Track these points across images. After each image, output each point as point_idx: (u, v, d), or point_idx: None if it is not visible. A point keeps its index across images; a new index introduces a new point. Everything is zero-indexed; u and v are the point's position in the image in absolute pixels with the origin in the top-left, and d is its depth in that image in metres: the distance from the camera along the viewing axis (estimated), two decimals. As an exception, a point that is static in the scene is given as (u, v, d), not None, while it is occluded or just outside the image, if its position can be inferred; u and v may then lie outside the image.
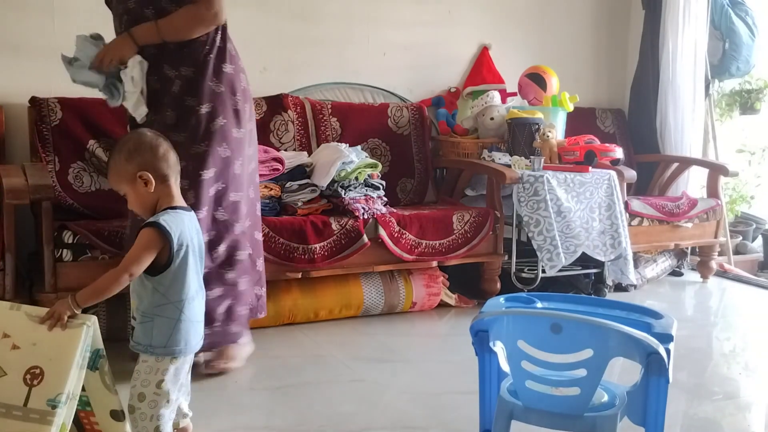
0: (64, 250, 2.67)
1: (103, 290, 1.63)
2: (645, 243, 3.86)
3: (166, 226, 1.65)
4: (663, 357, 1.54)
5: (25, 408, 1.51)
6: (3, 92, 3.23)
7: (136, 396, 1.65)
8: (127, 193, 1.71)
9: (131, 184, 1.69)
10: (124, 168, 1.69)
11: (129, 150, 1.70)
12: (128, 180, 1.69)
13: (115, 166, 1.71)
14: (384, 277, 3.29)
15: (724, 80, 4.62)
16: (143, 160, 1.69)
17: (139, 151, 1.70)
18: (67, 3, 3.36)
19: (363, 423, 2.16)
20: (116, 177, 1.71)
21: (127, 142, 1.73)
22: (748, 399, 2.45)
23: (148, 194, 1.70)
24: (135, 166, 1.68)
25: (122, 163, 1.70)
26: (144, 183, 1.68)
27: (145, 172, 1.68)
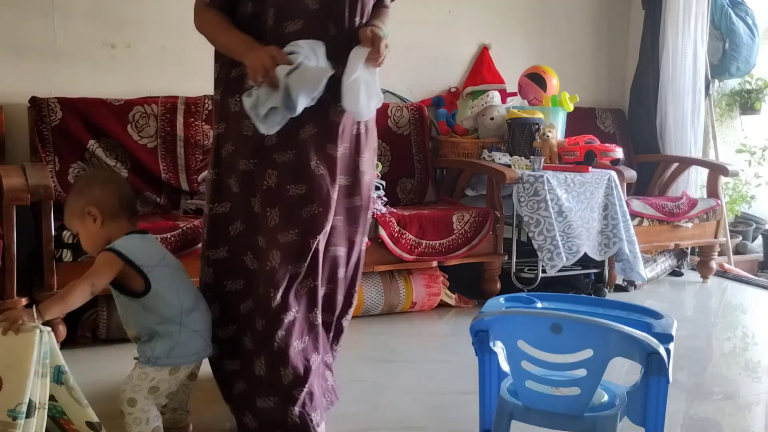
0: (64, 250, 2.67)
1: (66, 301, 1.59)
2: (645, 243, 3.86)
3: (120, 249, 1.65)
4: (663, 357, 1.54)
5: None
6: (3, 92, 3.23)
7: (125, 401, 1.63)
8: (78, 231, 1.69)
9: (81, 220, 1.68)
10: (73, 204, 1.68)
11: (80, 186, 1.70)
12: (78, 216, 1.68)
13: (68, 204, 1.70)
14: (384, 277, 3.29)
15: (724, 80, 4.62)
16: (92, 196, 1.68)
17: (90, 186, 1.70)
18: (67, 3, 3.36)
19: (363, 423, 2.16)
20: (68, 215, 1.70)
21: (80, 179, 1.75)
22: (748, 399, 2.45)
23: (98, 231, 1.68)
24: (84, 202, 1.67)
25: (73, 199, 1.69)
26: (92, 219, 1.67)
27: (93, 208, 1.67)
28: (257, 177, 1.92)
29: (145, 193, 3.31)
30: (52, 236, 2.63)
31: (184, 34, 3.60)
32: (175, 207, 3.36)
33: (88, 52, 3.41)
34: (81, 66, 3.40)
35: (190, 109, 3.46)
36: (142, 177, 3.30)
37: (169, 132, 3.39)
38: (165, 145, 3.38)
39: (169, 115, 3.40)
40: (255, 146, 1.90)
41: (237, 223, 1.99)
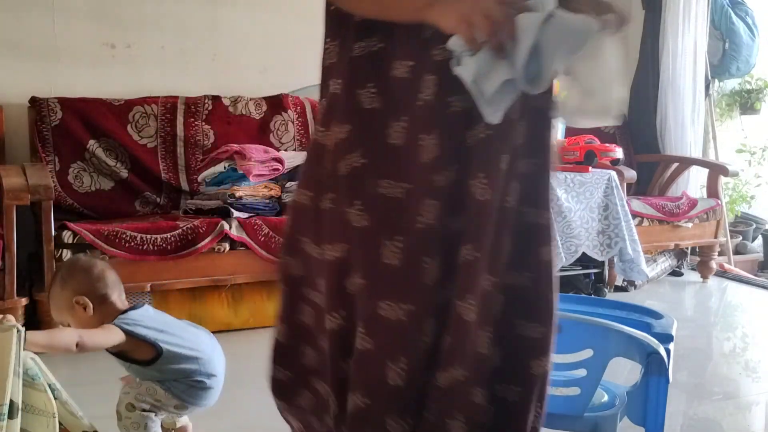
0: (64, 250, 2.67)
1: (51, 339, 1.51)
2: (645, 243, 3.85)
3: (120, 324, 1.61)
4: (663, 357, 1.54)
5: None
6: (3, 92, 3.23)
7: (125, 405, 1.61)
8: (69, 322, 1.63)
9: (71, 312, 1.62)
10: (59, 296, 1.63)
11: (62, 277, 1.64)
12: (67, 308, 1.62)
13: (53, 298, 1.64)
14: (384, 277, 3.28)
15: (724, 80, 4.62)
16: (77, 285, 1.63)
17: (72, 275, 1.64)
18: (67, 3, 3.36)
19: (363, 423, 2.16)
20: (56, 309, 1.64)
21: (60, 270, 1.68)
22: (748, 399, 2.45)
23: (90, 319, 1.62)
24: (70, 292, 1.62)
25: (57, 291, 1.63)
26: (83, 308, 1.62)
27: (82, 297, 1.62)
28: (407, 209, 1.21)
29: (145, 193, 3.31)
30: (52, 236, 2.63)
31: (184, 34, 3.62)
32: (175, 207, 3.36)
33: (88, 52, 3.41)
34: (81, 66, 3.40)
35: (190, 109, 3.46)
36: (142, 177, 3.30)
37: (169, 132, 3.40)
38: (165, 145, 3.38)
39: (169, 115, 3.40)
40: (407, 160, 1.21)
41: (356, 277, 1.24)
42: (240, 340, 2.92)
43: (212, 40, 3.67)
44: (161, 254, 2.79)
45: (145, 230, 2.80)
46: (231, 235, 2.92)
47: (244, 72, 3.74)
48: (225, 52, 3.70)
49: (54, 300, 1.65)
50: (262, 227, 2.99)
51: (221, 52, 3.69)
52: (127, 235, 2.75)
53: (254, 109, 3.60)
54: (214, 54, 3.68)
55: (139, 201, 3.31)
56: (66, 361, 2.43)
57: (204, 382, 1.72)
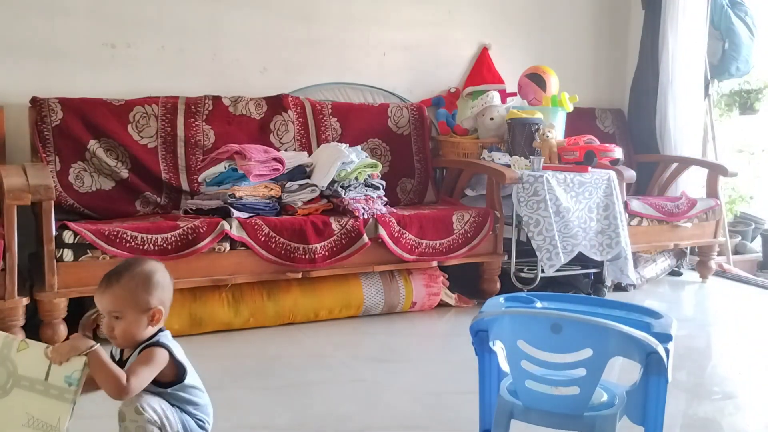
0: (65, 250, 2.68)
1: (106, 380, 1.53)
2: (644, 243, 3.86)
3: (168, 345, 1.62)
4: (662, 356, 1.54)
5: (45, 382, 1.55)
6: (3, 92, 3.24)
7: (133, 408, 1.59)
8: (127, 319, 1.60)
9: (139, 314, 1.60)
10: (142, 296, 1.60)
11: (157, 282, 1.62)
12: (141, 309, 1.60)
13: (134, 290, 1.60)
14: (384, 277, 3.29)
15: (723, 80, 4.62)
16: (163, 297, 1.63)
17: (165, 287, 1.63)
18: (67, 3, 3.36)
19: (363, 423, 2.16)
20: (129, 300, 1.59)
21: (155, 273, 1.63)
22: (747, 399, 2.45)
23: (147, 330, 1.61)
24: (154, 300, 1.61)
25: (143, 290, 1.60)
26: (152, 317, 1.61)
27: (160, 309, 1.62)
28: None
29: (145, 193, 3.32)
30: (52, 236, 2.63)
31: (184, 34, 3.63)
32: (175, 207, 3.37)
33: (88, 52, 3.42)
34: (81, 66, 3.40)
35: (191, 109, 3.46)
36: (142, 177, 3.31)
37: (169, 132, 3.40)
38: (165, 145, 3.39)
39: (169, 115, 3.41)
40: None
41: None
42: (240, 340, 2.93)
43: (212, 40, 3.67)
44: (162, 254, 2.80)
45: (145, 230, 2.80)
46: (231, 235, 2.92)
47: (244, 72, 3.75)
48: (225, 52, 3.70)
49: (132, 292, 1.59)
50: (262, 227, 2.99)
51: (221, 52, 3.70)
52: (127, 235, 2.75)
53: (254, 109, 3.60)
54: (214, 54, 3.69)
55: (140, 201, 3.32)
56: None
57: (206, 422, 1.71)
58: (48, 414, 1.54)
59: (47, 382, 1.55)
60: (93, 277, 2.71)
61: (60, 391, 1.54)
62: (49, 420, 1.53)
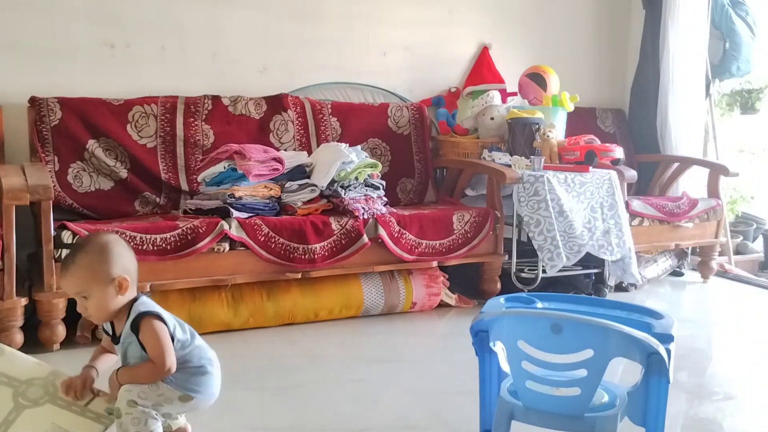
0: (64, 250, 2.67)
1: (142, 381, 1.62)
2: (645, 243, 3.85)
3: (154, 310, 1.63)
4: (663, 357, 1.53)
5: (85, 408, 1.63)
6: (2, 92, 3.23)
7: (126, 401, 1.60)
8: (92, 296, 1.61)
9: (102, 286, 1.60)
10: (101, 270, 1.60)
11: (110, 253, 1.62)
12: (101, 281, 1.60)
13: (90, 266, 1.60)
14: (384, 277, 3.29)
15: (724, 80, 4.61)
16: (123, 265, 1.62)
17: (120, 256, 1.63)
18: (67, 3, 3.36)
19: (363, 423, 2.16)
20: (88, 277, 1.60)
21: (108, 245, 1.63)
22: (748, 399, 2.45)
23: (118, 300, 1.62)
24: (112, 269, 1.60)
25: (100, 264, 1.60)
26: (119, 287, 1.61)
27: (125, 277, 1.61)
28: None
29: (144, 193, 3.31)
30: (51, 236, 2.62)
31: (183, 34, 3.62)
32: (174, 207, 3.36)
33: (87, 52, 3.41)
34: (80, 66, 3.40)
35: (190, 108, 3.46)
36: (141, 177, 3.30)
37: (168, 132, 3.39)
38: (164, 145, 3.38)
39: (168, 114, 3.40)
40: None
41: None
42: (240, 340, 2.92)
43: (212, 40, 3.66)
44: (161, 254, 2.79)
45: (144, 230, 2.79)
46: (231, 235, 2.91)
47: (244, 72, 3.74)
48: (225, 52, 3.70)
49: (89, 269, 1.60)
50: (261, 227, 2.98)
51: (221, 52, 3.69)
52: (126, 235, 2.75)
53: (254, 108, 3.59)
54: (214, 54, 3.68)
55: (139, 201, 3.31)
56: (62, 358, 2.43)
57: (205, 367, 1.71)
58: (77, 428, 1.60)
59: (86, 407, 1.63)
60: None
61: (97, 416, 1.62)
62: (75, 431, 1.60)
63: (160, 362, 1.60)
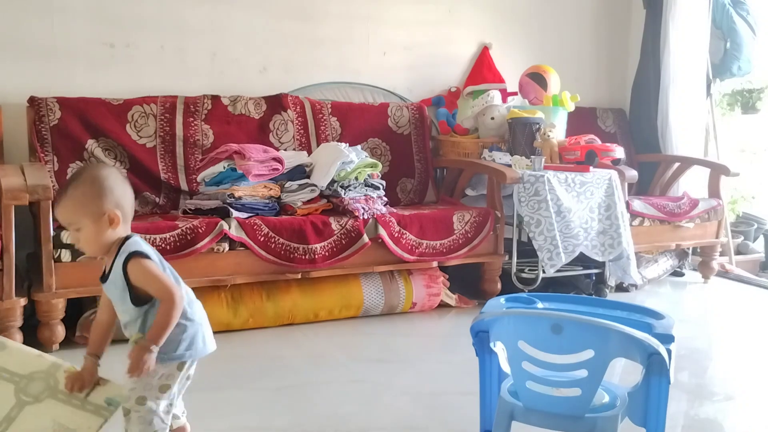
0: (63, 251, 2.67)
1: (168, 325, 1.60)
2: (646, 243, 3.85)
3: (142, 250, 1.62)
4: (664, 357, 1.53)
5: (84, 400, 1.62)
6: (1, 92, 3.23)
7: (134, 399, 1.61)
8: (84, 228, 1.60)
9: (94, 219, 1.60)
10: (92, 203, 1.60)
11: (102, 186, 1.61)
12: (94, 216, 1.60)
13: (82, 199, 1.60)
14: (384, 278, 3.28)
15: (725, 80, 4.61)
16: (114, 199, 1.61)
17: (112, 189, 1.62)
18: (67, 3, 3.36)
19: (363, 423, 2.15)
20: (79, 210, 1.59)
21: (99, 178, 1.62)
22: (748, 399, 2.44)
23: (109, 233, 1.61)
24: (104, 203, 1.60)
25: (91, 197, 1.60)
26: (110, 221, 1.61)
27: (115, 212, 1.61)
28: None
29: (144, 193, 3.30)
30: (50, 236, 2.62)
31: (183, 34, 3.62)
32: (174, 207, 3.36)
33: (87, 52, 3.41)
34: (80, 65, 3.39)
35: (189, 108, 3.45)
36: (141, 177, 3.29)
37: (168, 132, 3.39)
38: (164, 145, 3.38)
39: (168, 114, 3.40)
40: None
41: None
42: (240, 341, 2.92)
43: (212, 40, 3.66)
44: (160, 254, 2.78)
45: (144, 230, 2.79)
46: (230, 235, 2.91)
47: (244, 72, 3.74)
48: (224, 51, 3.69)
49: (81, 202, 1.59)
50: (261, 227, 2.98)
51: (221, 52, 3.69)
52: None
53: (254, 108, 3.59)
54: (214, 54, 3.68)
55: (138, 201, 3.30)
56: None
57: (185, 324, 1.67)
58: (78, 424, 1.59)
59: (86, 399, 1.62)
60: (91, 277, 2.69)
61: (97, 408, 1.60)
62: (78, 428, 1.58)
63: (169, 295, 1.59)
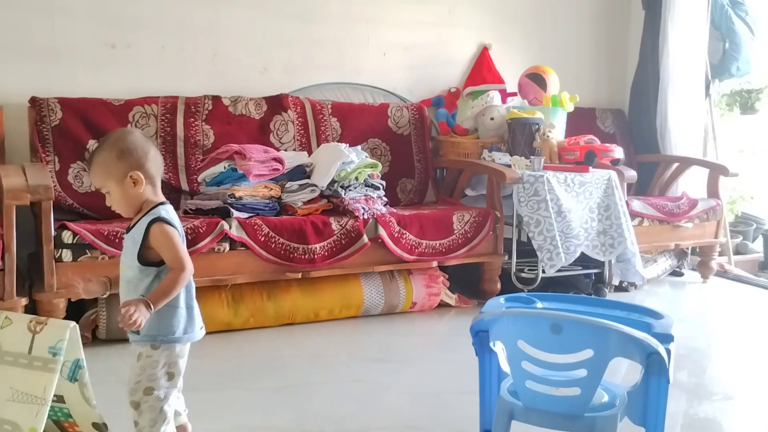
0: (64, 250, 2.67)
1: (170, 291, 1.65)
2: (645, 243, 3.85)
3: (170, 219, 1.68)
4: (663, 357, 1.54)
5: (29, 355, 1.59)
6: (3, 92, 3.23)
7: (141, 391, 1.63)
8: (111, 191, 1.69)
9: (119, 182, 1.67)
10: (114, 166, 1.67)
11: (121, 149, 1.67)
12: (117, 178, 1.67)
13: (105, 163, 1.67)
14: (384, 277, 3.29)
15: (724, 80, 4.62)
16: (135, 161, 1.67)
17: (132, 151, 1.68)
18: (67, 3, 3.36)
19: (363, 423, 2.16)
20: (104, 174, 1.68)
21: (119, 141, 1.69)
22: (748, 399, 2.45)
23: (136, 194, 1.68)
24: (126, 166, 1.66)
25: (113, 160, 1.67)
26: (133, 183, 1.67)
27: (137, 173, 1.67)
28: None
29: (145, 193, 3.31)
30: (51, 236, 2.63)
31: (184, 34, 3.62)
32: (175, 207, 3.31)
33: (88, 52, 3.41)
34: (81, 66, 3.40)
35: (190, 109, 3.46)
36: (142, 177, 3.30)
37: (168, 132, 3.39)
38: (165, 145, 3.38)
39: (169, 115, 3.40)
40: None
41: None
42: (240, 340, 2.93)
43: (212, 40, 3.67)
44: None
45: (145, 230, 2.79)
46: (231, 235, 2.91)
47: (244, 72, 3.74)
48: (225, 52, 3.70)
49: (105, 167, 1.66)
50: (262, 227, 2.98)
51: (221, 52, 3.69)
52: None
53: (254, 109, 3.60)
54: (214, 54, 3.68)
55: (139, 201, 3.31)
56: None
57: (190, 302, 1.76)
58: (33, 386, 1.56)
59: (31, 355, 1.58)
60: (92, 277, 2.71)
61: (44, 362, 1.57)
62: (34, 392, 1.56)
63: (181, 265, 1.64)
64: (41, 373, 1.57)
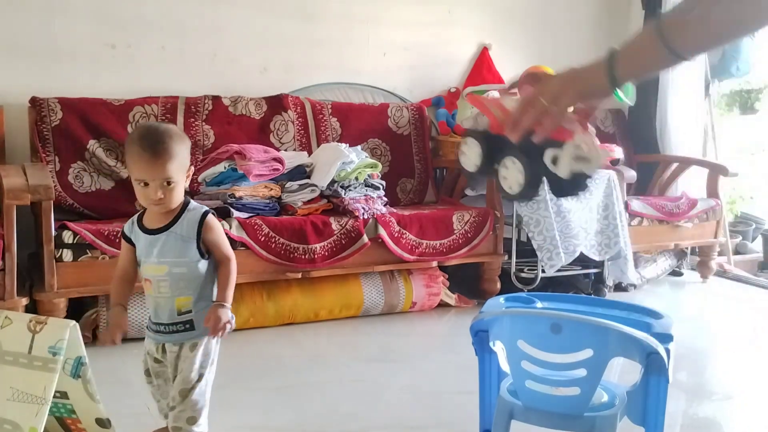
0: (64, 250, 2.67)
1: (233, 283, 1.71)
2: (645, 243, 3.86)
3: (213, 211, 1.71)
4: (663, 357, 1.54)
5: (29, 355, 1.58)
6: (3, 92, 3.23)
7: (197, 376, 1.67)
8: (179, 183, 1.63)
9: (184, 173, 1.65)
10: (186, 159, 1.64)
11: (187, 143, 1.66)
12: (184, 169, 1.64)
13: (181, 155, 1.62)
14: (384, 277, 3.29)
15: (723, 80, 4.62)
16: (188, 155, 1.67)
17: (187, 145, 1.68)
18: (68, 3, 3.36)
19: (363, 423, 2.16)
20: (181, 166, 1.63)
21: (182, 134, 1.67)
22: (747, 399, 2.45)
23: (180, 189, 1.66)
24: (187, 159, 1.66)
25: (186, 153, 1.64)
26: (187, 177, 1.67)
27: (192, 167, 1.69)
28: None
29: (145, 193, 3.31)
30: (52, 236, 2.63)
31: (184, 34, 3.62)
32: (175, 207, 3.36)
33: (88, 52, 3.41)
34: (81, 66, 3.40)
35: (190, 109, 3.46)
36: (142, 177, 3.30)
37: (169, 132, 3.39)
38: (165, 145, 3.38)
39: (169, 115, 3.41)
40: None
41: None
42: (240, 341, 2.93)
43: (212, 40, 3.67)
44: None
45: (145, 230, 2.80)
46: (231, 235, 2.92)
47: (244, 72, 3.75)
48: (225, 52, 3.70)
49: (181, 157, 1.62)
50: (262, 227, 2.99)
51: (221, 52, 3.70)
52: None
53: (254, 109, 3.60)
54: (214, 54, 3.69)
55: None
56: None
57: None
58: (33, 386, 1.56)
59: (31, 354, 1.58)
60: (92, 277, 2.71)
61: (44, 362, 1.57)
62: (34, 391, 1.56)
63: (231, 254, 1.71)
64: (41, 372, 1.57)
